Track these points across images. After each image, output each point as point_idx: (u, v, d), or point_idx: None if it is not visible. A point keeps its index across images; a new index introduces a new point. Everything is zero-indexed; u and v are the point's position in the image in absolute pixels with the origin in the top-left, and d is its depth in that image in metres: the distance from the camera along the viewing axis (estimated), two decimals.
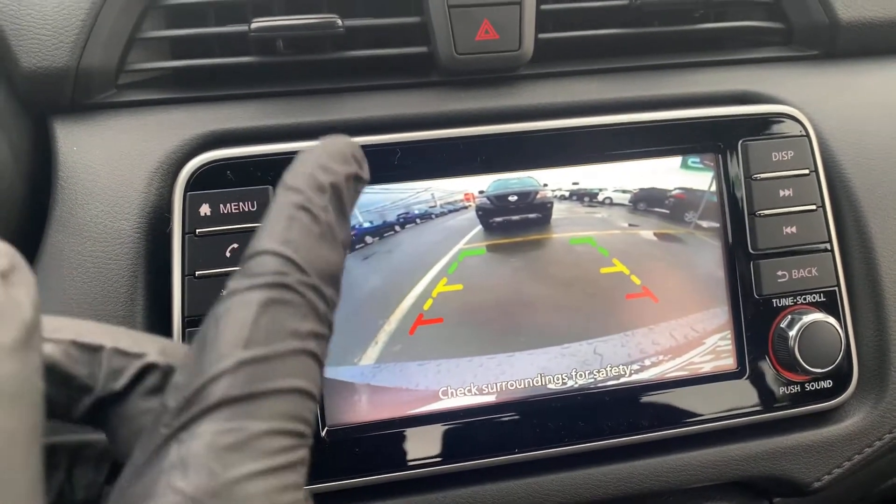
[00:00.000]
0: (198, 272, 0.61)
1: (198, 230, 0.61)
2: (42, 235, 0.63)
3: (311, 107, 0.68)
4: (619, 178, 0.69)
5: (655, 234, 0.69)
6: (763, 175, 0.70)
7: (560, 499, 0.67)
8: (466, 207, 0.67)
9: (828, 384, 0.71)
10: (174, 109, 0.67)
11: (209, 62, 0.69)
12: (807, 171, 0.71)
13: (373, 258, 0.65)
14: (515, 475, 0.66)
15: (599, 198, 0.69)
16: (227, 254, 0.61)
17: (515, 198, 0.67)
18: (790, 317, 0.69)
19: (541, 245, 0.68)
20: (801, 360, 0.68)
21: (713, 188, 0.70)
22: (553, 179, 0.68)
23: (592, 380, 0.68)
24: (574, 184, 0.68)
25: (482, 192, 0.67)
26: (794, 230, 0.70)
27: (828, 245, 0.71)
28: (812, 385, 0.71)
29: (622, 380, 0.68)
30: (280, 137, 0.66)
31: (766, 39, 0.80)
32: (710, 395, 0.69)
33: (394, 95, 0.70)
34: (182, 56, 0.71)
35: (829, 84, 0.78)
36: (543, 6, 0.72)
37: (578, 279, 0.68)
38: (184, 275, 0.61)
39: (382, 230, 0.65)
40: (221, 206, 0.62)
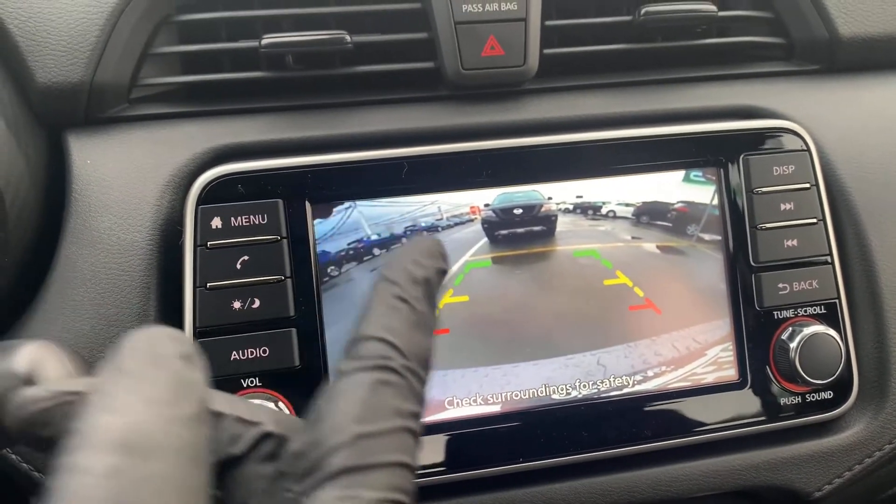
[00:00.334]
0: (209, 284, 0.62)
1: (209, 243, 0.62)
2: (56, 247, 0.64)
3: (320, 121, 0.70)
4: (623, 192, 0.70)
5: (658, 247, 0.70)
6: (764, 189, 0.71)
7: None
8: (472, 220, 0.68)
9: (828, 395, 0.72)
10: (186, 123, 0.68)
11: (220, 77, 0.70)
12: (807, 185, 0.72)
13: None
14: (520, 485, 0.67)
15: (603, 211, 0.70)
16: (238, 266, 0.63)
17: (520, 211, 0.69)
18: (791, 328, 0.70)
19: (545, 257, 0.69)
20: (802, 372, 0.69)
21: (715, 202, 0.71)
22: (557, 193, 0.69)
23: (596, 390, 0.69)
24: (578, 197, 0.69)
25: (488, 206, 0.68)
26: (795, 243, 0.71)
27: (828, 258, 0.72)
28: (813, 396, 0.72)
29: (625, 390, 0.69)
30: (290, 151, 0.67)
31: (768, 54, 0.81)
32: (712, 406, 0.70)
33: (401, 110, 0.71)
34: (193, 71, 0.72)
35: (830, 99, 0.79)
36: (548, 22, 0.73)
37: (582, 291, 0.69)
38: (195, 286, 0.62)
39: (390, 242, 0.67)
40: (232, 220, 0.63)
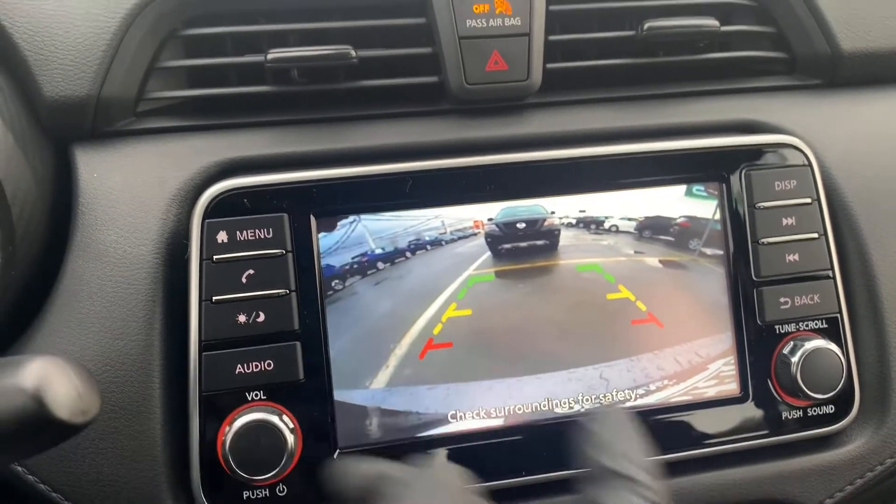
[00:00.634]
0: (214, 297, 0.63)
1: (215, 257, 0.63)
2: (62, 261, 0.65)
3: (325, 135, 0.70)
4: (625, 206, 0.70)
5: (661, 261, 0.71)
6: (766, 204, 0.72)
7: None
8: (476, 234, 0.68)
9: (830, 409, 0.72)
10: (192, 137, 0.69)
11: (226, 91, 0.70)
12: (809, 200, 0.73)
13: (384, 283, 0.66)
14: (523, 498, 0.67)
15: (606, 225, 0.70)
16: (243, 280, 0.63)
17: (524, 225, 0.69)
18: (792, 343, 0.71)
19: (548, 271, 0.69)
20: (804, 386, 0.69)
21: (717, 216, 0.72)
22: (560, 207, 0.69)
23: (599, 404, 0.69)
24: (581, 211, 0.70)
25: (491, 220, 0.69)
26: (797, 258, 0.72)
27: (830, 272, 0.73)
28: (814, 410, 0.72)
29: (628, 404, 0.69)
30: (295, 165, 0.68)
31: (770, 69, 0.82)
32: (714, 420, 0.70)
33: (405, 124, 0.72)
34: (200, 85, 0.72)
35: (832, 113, 0.79)
36: (551, 37, 0.73)
37: (585, 305, 0.69)
38: (201, 300, 0.62)
39: (394, 256, 0.67)
40: (238, 234, 0.63)
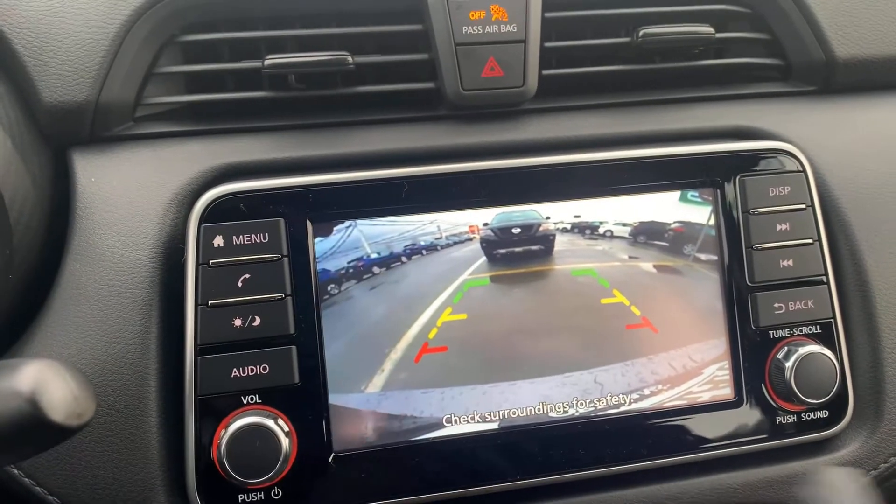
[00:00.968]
0: (210, 301, 0.63)
1: (211, 261, 0.63)
2: (59, 265, 0.65)
3: (322, 140, 0.71)
4: (620, 212, 0.71)
5: (655, 267, 0.71)
6: (760, 209, 0.72)
7: None
8: (471, 239, 0.69)
9: (824, 414, 0.72)
10: (189, 142, 0.70)
11: (224, 97, 0.71)
12: (803, 206, 0.73)
13: (380, 288, 0.67)
14: (517, 502, 0.68)
15: (600, 230, 0.71)
16: (239, 284, 0.63)
17: (519, 230, 0.69)
18: (787, 348, 0.71)
19: (543, 276, 0.69)
20: (798, 391, 0.69)
21: (711, 222, 0.72)
22: (555, 212, 0.70)
23: (593, 408, 0.69)
24: (576, 217, 0.70)
25: (486, 225, 0.69)
26: (791, 263, 0.72)
27: (824, 278, 0.73)
28: (808, 415, 0.72)
29: (622, 409, 0.70)
30: (292, 170, 0.68)
31: (765, 75, 0.82)
32: (708, 424, 0.71)
33: (402, 129, 0.72)
34: (197, 90, 0.73)
35: (826, 120, 0.80)
36: (547, 44, 0.74)
37: (580, 309, 0.70)
38: (197, 304, 0.63)
39: (389, 261, 0.67)
40: (235, 238, 0.63)
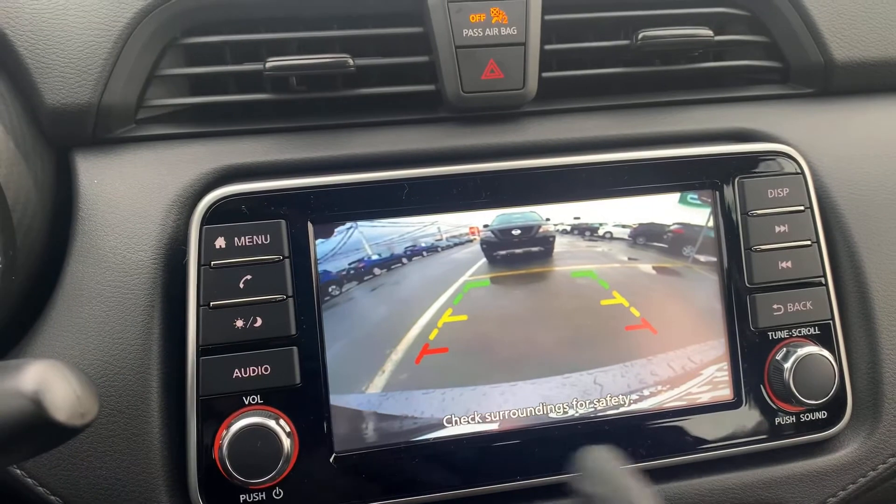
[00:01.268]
0: (212, 303, 0.63)
1: (213, 262, 0.63)
2: (62, 266, 0.65)
3: (323, 142, 0.71)
4: (620, 214, 0.71)
5: (654, 268, 0.72)
6: (759, 211, 0.72)
7: None
8: (471, 241, 0.69)
9: (822, 415, 0.73)
10: (191, 144, 0.70)
11: (225, 99, 0.71)
12: (802, 208, 0.73)
13: (381, 289, 0.67)
14: (517, 502, 0.68)
15: (600, 232, 0.71)
16: (241, 285, 0.64)
17: (519, 232, 0.70)
18: (785, 349, 0.71)
19: (543, 277, 0.70)
20: (796, 392, 0.70)
21: (710, 224, 0.73)
22: (555, 214, 0.70)
23: (593, 409, 0.70)
24: (575, 218, 0.71)
25: (487, 226, 0.69)
26: (790, 265, 0.72)
27: (822, 279, 0.73)
28: (807, 416, 0.72)
29: (622, 409, 0.70)
30: (293, 172, 0.69)
31: (763, 78, 0.82)
32: (708, 425, 0.71)
33: (402, 131, 0.73)
34: (199, 92, 0.73)
35: (824, 122, 0.80)
36: (547, 46, 0.74)
37: (579, 311, 0.70)
38: (199, 305, 0.63)
39: (390, 262, 0.68)
40: (236, 239, 0.64)
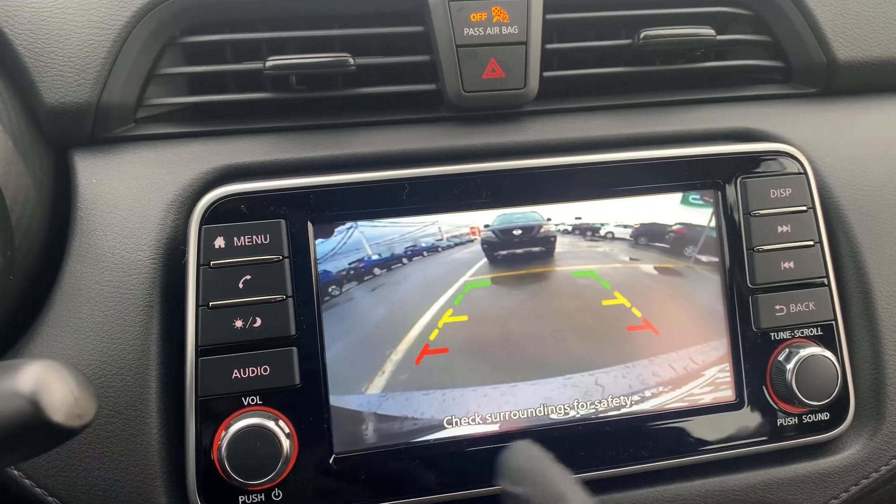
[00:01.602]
0: (211, 303, 0.63)
1: (212, 262, 0.63)
2: (60, 265, 0.65)
3: (324, 141, 0.71)
4: (621, 214, 0.71)
5: (656, 268, 0.71)
6: (761, 211, 0.72)
7: None
8: (472, 241, 0.69)
9: (825, 416, 0.72)
10: (191, 143, 0.69)
11: (225, 98, 0.71)
12: (804, 208, 0.73)
13: (381, 289, 0.67)
14: None
15: (601, 232, 0.71)
16: (240, 285, 0.63)
17: (520, 232, 0.69)
18: (788, 350, 0.71)
19: (544, 278, 0.69)
20: (799, 393, 0.69)
21: (712, 224, 0.72)
22: (556, 214, 0.70)
23: (594, 410, 0.69)
24: (577, 218, 0.70)
25: (487, 226, 0.69)
26: (792, 265, 0.72)
27: (825, 280, 0.73)
28: (809, 417, 0.72)
29: (623, 410, 0.70)
30: (293, 171, 0.68)
31: (765, 77, 0.82)
32: (709, 426, 0.71)
33: (403, 131, 0.72)
34: (199, 91, 0.73)
35: (827, 122, 0.80)
36: (548, 45, 0.74)
37: (581, 311, 0.69)
38: (198, 305, 0.63)
39: (391, 262, 0.67)
40: (235, 239, 0.63)
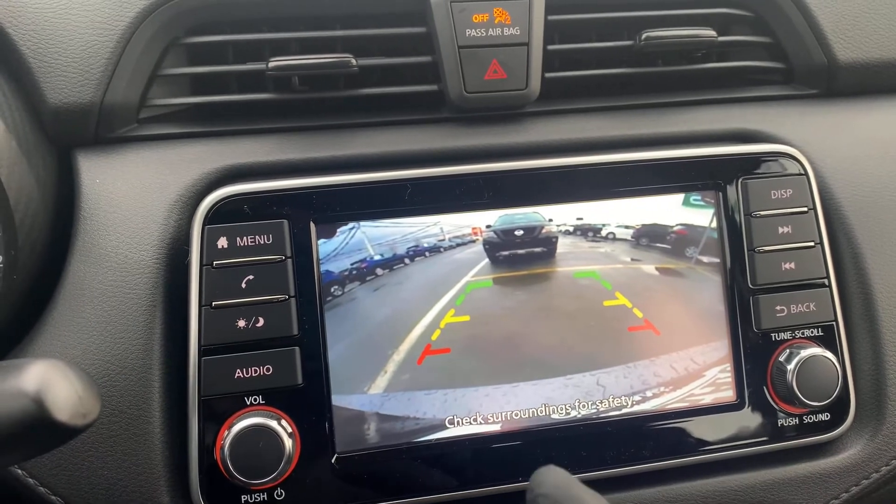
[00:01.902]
0: (214, 303, 0.63)
1: (215, 262, 0.63)
2: (64, 265, 0.65)
3: (326, 142, 0.71)
4: (623, 214, 0.71)
5: (657, 269, 0.71)
6: (762, 212, 0.72)
7: None
8: (474, 241, 0.69)
9: (825, 417, 0.73)
10: (193, 143, 0.70)
11: (228, 98, 0.71)
12: (805, 209, 0.73)
13: (383, 290, 0.67)
14: None
15: (603, 233, 0.71)
16: (243, 285, 0.63)
17: (521, 232, 0.70)
18: (788, 350, 0.71)
19: (546, 278, 0.70)
20: (799, 394, 0.70)
21: (714, 224, 0.72)
22: (558, 215, 0.70)
23: (595, 410, 0.69)
24: (578, 219, 0.70)
25: (489, 227, 0.69)
26: (793, 266, 0.72)
27: (826, 281, 0.73)
28: (810, 417, 0.72)
29: (624, 411, 0.70)
30: (295, 172, 0.69)
31: (767, 79, 0.82)
32: (710, 427, 0.71)
33: (405, 131, 0.73)
34: (201, 92, 0.73)
35: (828, 123, 0.80)
36: (550, 47, 0.74)
37: (582, 312, 0.70)
38: (201, 305, 0.63)
39: (393, 262, 0.67)
40: (238, 239, 0.64)
